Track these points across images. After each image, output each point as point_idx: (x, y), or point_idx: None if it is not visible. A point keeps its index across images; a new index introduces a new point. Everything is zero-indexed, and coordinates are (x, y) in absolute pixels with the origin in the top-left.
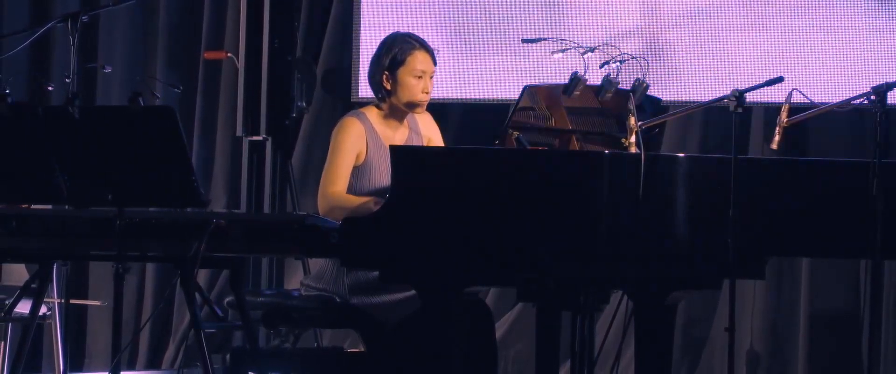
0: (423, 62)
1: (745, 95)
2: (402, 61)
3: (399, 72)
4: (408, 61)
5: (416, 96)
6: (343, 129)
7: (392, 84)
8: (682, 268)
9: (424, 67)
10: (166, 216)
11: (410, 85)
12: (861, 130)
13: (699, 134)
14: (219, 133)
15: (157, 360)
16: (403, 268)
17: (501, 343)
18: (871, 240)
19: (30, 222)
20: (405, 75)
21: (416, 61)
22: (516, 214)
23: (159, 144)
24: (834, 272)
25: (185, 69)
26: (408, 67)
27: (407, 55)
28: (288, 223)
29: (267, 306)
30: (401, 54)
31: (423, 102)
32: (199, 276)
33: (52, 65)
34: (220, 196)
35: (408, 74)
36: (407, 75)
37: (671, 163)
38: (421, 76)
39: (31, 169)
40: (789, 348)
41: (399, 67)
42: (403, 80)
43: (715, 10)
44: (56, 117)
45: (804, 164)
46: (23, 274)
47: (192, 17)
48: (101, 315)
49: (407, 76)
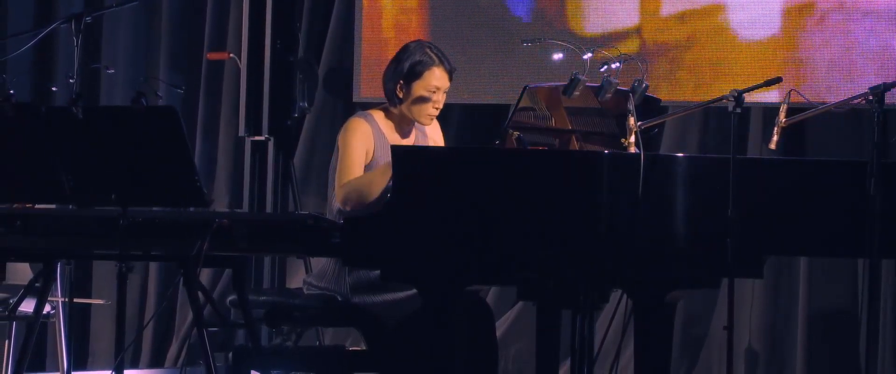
0: (440, 79)
1: (743, 96)
2: (419, 75)
3: (414, 84)
4: (425, 76)
5: (426, 111)
6: (350, 129)
7: (405, 94)
8: (681, 267)
9: (440, 84)
10: (169, 216)
11: (423, 99)
12: (859, 130)
13: (698, 134)
14: (221, 133)
15: (160, 358)
16: (404, 267)
17: (502, 342)
18: (869, 239)
19: (34, 221)
20: (419, 89)
21: (432, 77)
22: (516, 213)
23: (162, 145)
24: (832, 272)
25: (188, 70)
26: (423, 81)
27: (425, 70)
28: (290, 223)
29: (269, 305)
30: (419, 67)
31: (432, 117)
32: (202, 275)
33: (56, 65)
34: (223, 196)
35: (422, 89)
36: (421, 89)
37: (670, 163)
38: (434, 92)
39: (36, 169)
40: (787, 346)
41: (415, 79)
42: (416, 93)
43: (713, 11)
44: (60, 118)
45: (802, 164)
46: (27, 273)
47: (195, 19)
48: (104, 314)
49: (420, 90)
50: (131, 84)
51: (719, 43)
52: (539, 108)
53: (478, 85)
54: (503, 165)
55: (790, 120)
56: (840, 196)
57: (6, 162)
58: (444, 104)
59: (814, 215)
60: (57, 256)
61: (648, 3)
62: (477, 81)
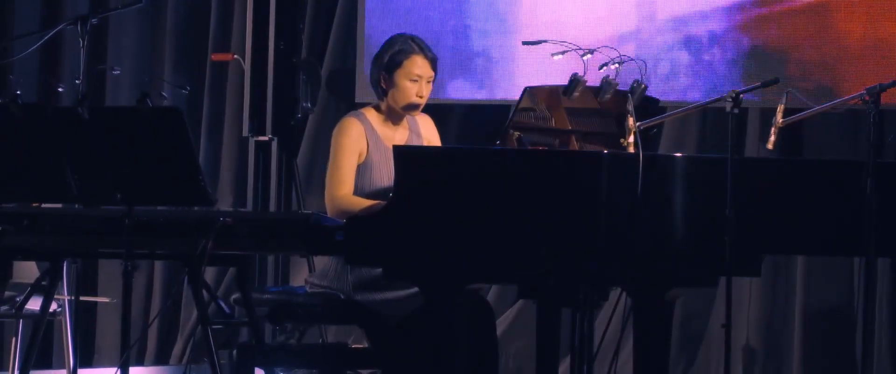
0: (421, 67)
1: (741, 96)
2: (400, 64)
3: (396, 74)
4: (405, 64)
5: (410, 99)
6: (342, 130)
7: (388, 85)
8: (679, 265)
9: (421, 72)
10: (174, 215)
11: (405, 88)
12: (855, 130)
13: (696, 134)
14: (225, 133)
15: (165, 356)
16: (406, 266)
17: (502, 339)
18: (865, 238)
19: (41, 220)
20: (401, 78)
21: (413, 65)
22: (517, 212)
23: (167, 144)
24: (828, 270)
25: (193, 71)
26: (404, 69)
27: (405, 58)
28: (293, 222)
29: (273, 302)
30: (399, 57)
31: (417, 105)
32: (207, 273)
33: (62, 66)
34: (227, 195)
35: (404, 77)
36: (403, 78)
37: (669, 163)
38: (416, 80)
39: (42, 168)
40: (784, 343)
41: (396, 68)
42: (399, 82)
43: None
44: (66, 118)
45: (799, 163)
46: (34, 271)
47: (200, 20)
48: (110, 312)
49: (403, 79)
50: (136, 85)
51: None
52: (539, 108)
53: (479, 86)
54: (504, 165)
55: (787, 120)
56: (837, 196)
57: (13, 162)
58: (446, 105)
59: (811, 215)
60: (63, 254)
61: (648, 5)
62: (478, 82)
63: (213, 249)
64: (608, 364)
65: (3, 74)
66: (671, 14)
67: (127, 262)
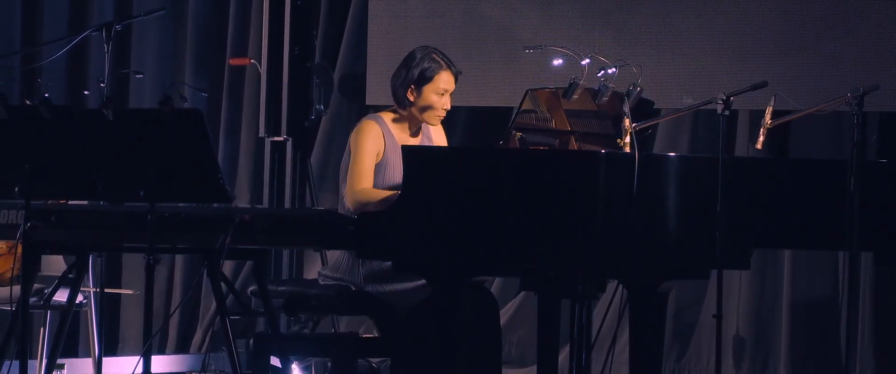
0: (447, 82)
1: (731, 99)
2: (430, 79)
3: (425, 88)
4: (434, 79)
5: (437, 112)
6: (363, 131)
7: (416, 97)
8: (672, 259)
9: (447, 86)
10: (194, 211)
11: (433, 101)
12: (839, 131)
13: (689, 135)
14: (243, 134)
15: (186, 345)
16: (415, 259)
17: (505, 329)
18: (849, 233)
19: (68, 216)
20: (429, 92)
21: (440, 81)
22: (519, 209)
23: (188, 145)
24: (814, 263)
25: (212, 75)
26: (433, 84)
27: (434, 74)
28: (307, 218)
29: (288, 294)
30: (429, 72)
31: (441, 117)
32: (225, 267)
33: (88, 71)
34: (245, 193)
35: (432, 92)
36: (431, 93)
37: (663, 162)
38: (443, 94)
39: (70, 167)
40: (772, 333)
41: (425, 83)
42: (427, 96)
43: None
44: (92, 120)
45: (786, 162)
46: (61, 265)
47: (218, 27)
48: (133, 303)
49: (431, 94)
50: (159, 88)
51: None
52: (540, 110)
53: (483, 89)
54: (507, 163)
55: (775, 121)
56: (822, 193)
57: (42, 161)
58: (451, 107)
59: (797, 211)
60: (89, 249)
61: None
62: (482, 85)
63: (231, 243)
64: (605, 352)
65: (33, 78)
66: (669, 23)
67: (149, 256)
